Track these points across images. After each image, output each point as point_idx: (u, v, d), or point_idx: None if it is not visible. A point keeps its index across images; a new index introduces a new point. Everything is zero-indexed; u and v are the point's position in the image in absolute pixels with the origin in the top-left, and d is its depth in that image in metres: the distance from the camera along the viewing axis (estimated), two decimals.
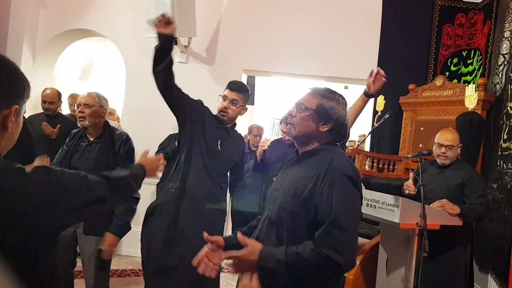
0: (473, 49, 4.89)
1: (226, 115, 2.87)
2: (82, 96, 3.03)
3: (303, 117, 1.81)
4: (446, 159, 3.40)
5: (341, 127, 1.82)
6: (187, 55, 5.49)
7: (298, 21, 5.39)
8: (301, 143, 1.87)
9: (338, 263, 1.58)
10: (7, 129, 1.10)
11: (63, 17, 5.74)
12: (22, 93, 1.13)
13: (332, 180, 1.67)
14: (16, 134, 1.15)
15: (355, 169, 1.78)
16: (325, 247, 1.59)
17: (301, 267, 1.61)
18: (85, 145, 3.03)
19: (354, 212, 1.70)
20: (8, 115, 1.09)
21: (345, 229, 1.61)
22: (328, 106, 1.79)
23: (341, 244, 1.59)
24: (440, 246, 3.18)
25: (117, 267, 4.74)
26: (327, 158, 1.75)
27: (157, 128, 5.22)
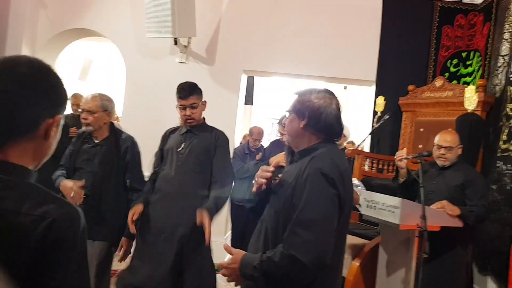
0: (472, 50, 4.89)
1: (193, 120, 2.94)
2: (85, 101, 3.01)
3: (288, 121, 1.86)
4: (445, 160, 3.39)
5: (319, 118, 1.76)
6: (187, 55, 5.48)
7: (298, 21, 5.39)
8: (294, 146, 1.88)
9: (303, 263, 1.54)
10: (48, 138, 1.10)
11: (63, 17, 5.73)
12: (64, 102, 1.14)
13: (306, 177, 1.66)
14: (54, 145, 1.15)
15: (336, 166, 1.70)
16: (291, 248, 1.57)
17: (273, 271, 1.60)
18: (90, 147, 3.03)
19: (323, 209, 1.62)
20: (51, 124, 1.09)
21: (310, 227, 1.57)
22: (301, 101, 1.81)
23: (306, 243, 1.56)
24: (440, 248, 3.18)
25: (116, 267, 4.72)
26: (311, 156, 1.75)
27: (157, 128, 5.17)
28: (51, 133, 1.10)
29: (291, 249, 1.57)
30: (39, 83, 1.07)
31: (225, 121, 5.06)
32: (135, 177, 3.06)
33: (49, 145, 1.12)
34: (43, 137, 1.09)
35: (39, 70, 1.08)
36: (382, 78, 5.20)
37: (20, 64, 1.05)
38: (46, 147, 1.12)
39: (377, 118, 4.75)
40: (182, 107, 2.90)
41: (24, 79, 1.04)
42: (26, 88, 1.04)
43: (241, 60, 5.49)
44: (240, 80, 5.51)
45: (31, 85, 1.05)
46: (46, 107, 1.08)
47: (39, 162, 1.13)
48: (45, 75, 1.09)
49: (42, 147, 1.11)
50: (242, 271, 1.66)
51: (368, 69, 5.23)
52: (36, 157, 1.10)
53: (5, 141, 1.04)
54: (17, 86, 1.03)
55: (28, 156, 1.07)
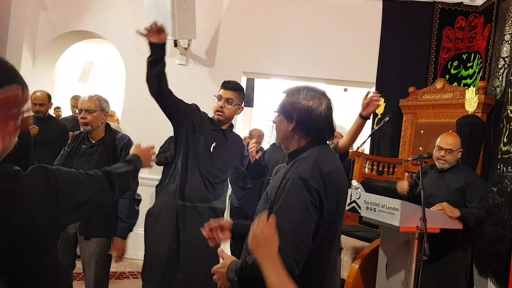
0: (473, 52, 4.88)
1: (222, 114, 2.88)
2: (83, 101, 3.04)
3: (277, 122, 1.80)
4: (445, 163, 3.39)
5: (307, 121, 1.70)
6: (187, 57, 5.49)
7: (297, 23, 5.38)
8: (284, 147, 1.83)
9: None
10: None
11: (63, 19, 5.73)
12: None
13: (286, 182, 1.61)
14: (14, 139, 1.13)
15: (316, 171, 1.62)
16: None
17: (248, 275, 1.57)
18: (87, 148, 3.05)
19: (296, 217, 1.56)
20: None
21: (283, 234, 1.49)
22: (288, 102, 1.74)
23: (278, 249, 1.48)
24: (440, 250, 3.17)
25: (115, 269, 4.72)
26: (296, 159, 1.70)
27: (157, 130, 5.21)
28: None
29: None
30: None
31: None
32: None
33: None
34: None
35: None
36: (382, 80, 5.19)
37: None
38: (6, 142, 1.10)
39: (377, 120, 4.74)
40: (218, 97, 2.91)
41: None
42: None
43: (241, 62, 5.48)
44: (240, 82, 5.50)
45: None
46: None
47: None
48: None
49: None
50: (227, 276, 1.64)
51: (368, 71, 5.22)
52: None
53: None
54: None
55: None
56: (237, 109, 2.96)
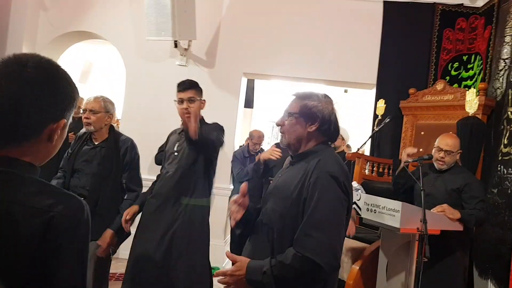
0: (473, 54, 4.88)
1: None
2: (88, 102, 3.04)
3: (291, 123, 1.85)
4: (443, 164, 3.40)
5: (329, 123, 1.83)
6: (187, 58, 5.48)
7: (298, 24, 5.38)
8: (294, 149, 1.88)
9: (318, 264, 1.56)
10: (52, 141, 1.09)
11: (63, 19, 5.73)
12: (71, 106, 1.12)
13: (316, 179, 1.68)
14: (58, 146, 1.14)
15: (343, 170, 1.77)
16: (304, 249, 1.58)
17: (285, 274, 1.60)
18: (90, 149, 3.05)
19: (335, 212, 1.66)
20: (56, 128, 1.08)
21: (323, 230, 1.59)
22: (311, 105, 1.82)
23: (320, 244, 1.57)
24: (438, 251, 3.16)
25: (115, 271, 4.70)
26: (316, 158, 1.76)
27: (157, 131, 5.19)
28: (55, 137, 1.09)
29: (305, 250, 1.58)
30: (46, 89, 1.05)
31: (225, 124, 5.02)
32: (131, 177, 3.08)
33: (53, 146, 1.11)
34: (47, 140, 1.08)
35: (47, 74, 1.06)
36: (383, 81, 5.19)
37: (28, 66, 1.03)
38: (50, 149, 1.12)
39: (377, 122, 4.74)
40: (180, 101, 2.92)
41: (30, 84, 1.03)
42: (31, 94, 1.02)
43: (241, 63, 5.48)
44: (240, 83, 5.51)
45: (37, 91, 1.03)
46: (51, 112, 1.06)
47: (41, 162, 1.12)
48: (53, 80, 1.07)
49: (45, 149, 1.10)
50: (249, 278, 1.65)
51: (369, 72, 5.22)
52: (39, 157, 1.10)
53: (7, 142, 1.04)
54: (23, 91, 1.02)
55: (30, 155, 1.07)
56: (200, 104, 2.98)
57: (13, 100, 1.01)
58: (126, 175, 3.05)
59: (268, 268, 1.61)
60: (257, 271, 1.64)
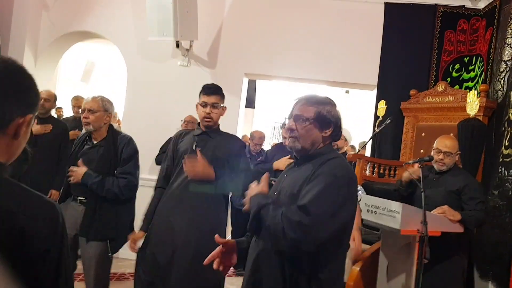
0: (475, 55, 4.88)
1: (211, 120, 2.89)
2: (86, 101, 3.06)
3: (306, 128, 1.86)
4: (443, 165, 3.41)
5: (340, 127, 1.91)
6: (189, 58, 5.49)
7: (300, 25, 5.39)
8: (302, 152, 1.90)
9: (286, 240, 1.63)
10: (18, 137, 1.10)
11: (65, 19, 5.74)
12: (36, 103, 1.15)
13: (319, 174, 1.73)
14: (23, 143, 1.15)
15: (349, 171, 1.82)
16: (285, 219, 1.65)
17: (266, 219, 1.72)
18: (89, 148, 3.08)
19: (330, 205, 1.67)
20: (22, 123, 1.09)
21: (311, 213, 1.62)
22: (326, 111, 1.86)
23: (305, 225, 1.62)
24: (437, 253, 3.16)
25: (116, 270, 4.71)
26: (323, 159, 1.81)
27: (158, 131, 5.22)
28: (21, 132, 1.10)
29: (285, 220, 1.64)
30: (11, 84, 1.08)
31: (227, 125, 5.03)
32: (122, 169, 3.03)
33: (18, 144, 1.12)
34: (12, 135, 1.09)
35: (12, 71, 1.10)
36: (384, 82, 5.19)
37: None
38: (15, 146, 1.12)
39: (378, 123, 4.74)
40: (203, 104, 2.88)
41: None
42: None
43: (243, 64, 5.49)
44: (242, 83, 5.51)
45: (3, 85, 1.06)
46: (18, 106, 1.08)
47: (7, 160, 1.12)
48: (18, 76, 1.11)
49: (10, 146, 1.11)
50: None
51: (370, 73, 5.22)
52: (4, 155, 1.10)
53: None
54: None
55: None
56: (222, 111, 2.97)
57: None
58: (119, 168, 3.02)
59: (258, 207, 1.76)
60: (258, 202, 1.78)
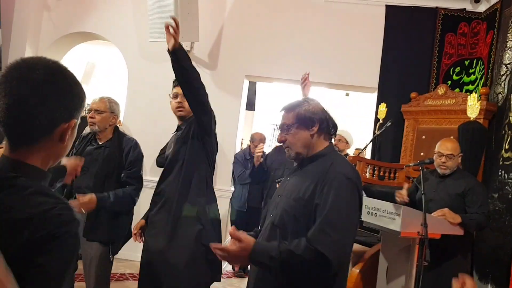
0: (475, 59, 4.89)
1: (183, 109, 2.85)
2: (94, 102, 3.08)
3: (292, 134, 1.88)
4: (446, 168, 3.40)
5: (326, 120, 1.89)
6: None
7: (301, 27, 5.39)
8: (303, 156, 1.91)
9: (328, 259, 1.60)
10: (64, 141, 1.12)
11: (66, 20, 5.75)
12: (80, 106, 1.15)
13: (332, 181, 1.72)
14: (69, 146, 1.17)
15: (355, 171, 1.84)
16: (318, 243, 1.62)
17: (294, 263, 1.64)
18: (93, 149, 3.08)
19: (349, 212, 1.72)
20: (67, 128, 1.10)
21: (337, 228, 1.64)
22: (303, 110, 1.88)
23: (333, 241, 1.62)
24: (440, 255, 3.17)
25: (115, 271, 4.71)
26: (327, 162, 1.81)
27: (159, 132, 5.22)
28: (66, 137, 1.12)
29: (318, 245, 1.61)
30: (55, 90, 1.08)
31: (227, 127, 5.06)
32: (131, 174, 3.05)
33: (64, 147, 1.14)
34: (58, 140, 1.10)
35: (55, 76, 1.09)
36: (384, 85, 5.19)
37: (37, 69, 1.06)
38: (61, 149, 1.14)
39: (379, 125, 4.74)
40: (174, 95, 2.88)
41: (39, 86, 1.05)
42: (41, 96, 1.05)
43: (243, 66, 5.49)
44: (242, 85, 5.52)
45: (47, 92, 1.06)
46: (61, 112, 1.09)
47: (54, 162, 1.16)
48: (61, 81, 1.10)
49: (56, 149, 1.13)
50: (253, 259, 1.67)
51: (371, 76, 5.23)
52: (50, 158, 1.13)
53: (19, 144, 1.07)
54: (33, 93, 1.04)
55: (42, 157, 1.09)
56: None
57: (23, 103, 1.03)
58: (126, 172, 3.04)
59: (277, 253, 1.63)
60: (264, 254, 1.65)
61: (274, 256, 1.63)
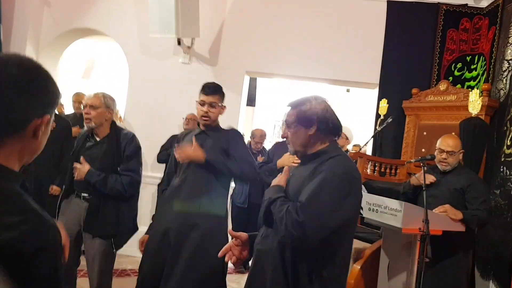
0: (477, 54, 4.87)
1: (208, 119, 2.89)
2: (88, 97, 3.06)
3: (293, 132, 1.92)
4: (447, 165, 3.40)
5: (326, 121, 1.87)
6: (190, 56, 5.48)
7: (301, 23, 5.38)
8: (301, 154, 1.96)
9: (284, 233, 1.68)
10: (37, 138, 1.10)
11: (67, 16, 5.73)
12: (54, 102, 1.14)
13: (319, 173, 1.75)
14: (43, 143, 1.15)
15: (352, 168, 1.83)
16: (288, 213, 1.67)
17: (274, 213, 1.76)
18: (92, 145, 3.07)
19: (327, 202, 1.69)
20: (40, 124, 1.09)
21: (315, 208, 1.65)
22: (304, 109, 1.89)
23: (300, 222, 1.63)
24: (441, 252, 3.17)
25: (117, 267, 4.71)
26: (325, 158, 1.83)
27: (160, 128, 5.23)
28: (39, 133, 1.10)
29: (288, 215, 1.67)
30: (28, 85, 1.07)
31: (227, 123, 5.02)
32: (127, 166, 3.03)
33: (38, 143, 1.12)
34: (31, 136, 1.09)
35: (29, 71, 1.08)
36: (386, 81, 5.18)
37: (10, 65, 1.05)
38: (35, 146, 1.12)
39: (380, 121, 4.73)
40: (201, 103, 2.90)
41: (12, 81, 1.04)
42: (14, 90, 1.04)
43: (244, 61, 5.48)
44: (243, 81, 5.51)
45: (20, 87, 1.05)
46: (35, 107, 1.08)
47: (28, 160, 1.13)
48: (35, 76, 1.09)
49: (30, 146, 1.11)
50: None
51: (372, 72, 5.21)
52: (24, 155, 1.11)
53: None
54: (5, 87, 1.03)
55: (15, 155, 1.08)
56: (221, 110, 2.97)
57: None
58: (123, 165, 3.02)
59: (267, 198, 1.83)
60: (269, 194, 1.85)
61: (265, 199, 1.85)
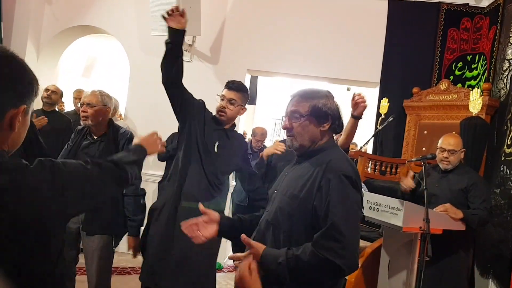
0: (478, 54, 4.88)
1: (224, 115, 2.82)
2: (85, 95, 3.03)
3: (302, 125, 1.79)
4: (448, 164, 3.40)
5: (339, 119, 1.83)
6: (192, 54, 5.48)
7: (302, 22, 5.38)
8: (306, 150, 1.83)
9: (338, 265, 1.55)
10: (14, 129, 1.08)
11: (68, 14, 5.73)
12: (30, 92, 1.12)
13: (330, 180, 1.65)
14: (23, 134, 1.14)
15: (354, 168, 1.76)
16: (324, 250, 1.57)
17: (301, 269, 1.60)
18: (89, 143, 3.03)
19: (353, 213, 1.66)
20: (15, 115, 1.07)
21: (343, 232, 1.58)
22: (321, 104, 1.78)
23: (340, 246, 1.56)
24: (442, 251, 3.17)
25: (117, 265, 4.72)
26: (325, 158, 1.74)
27: (160, 126, 5.15)
28: (16, 124, 1.08)
29: (324, 250, 1.56)
30: (2, 75, 1.05)
31: None
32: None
33: (17, 135, 1.11)
34: (8, 128, 1.07)
35: (2, 61, 1.07)
36: (387, 80, 5.18)
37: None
38: (14, 138, 1.11)
39: (380, 120, 4.74)
40: (222, 97, 2.85)
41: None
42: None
43: (245, 60, 5.48)
44: (244, 79, 5.50)
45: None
46: (9, 97, 1.06)
47: (9, 149, 1.12)
48: (7, 65, 1.08)
49: (8, 138, 1.09)
50: (264, 266, 1.64)
51: (373, 71, 5.22)
52: (2, 145, 1.09)
53: None
54: None
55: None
56: (240, 110, 2.89)
57: None
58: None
59: (284, 259, 1.60)
60: (272, 260, 1.62)
61: (281, 262, 1.60)
